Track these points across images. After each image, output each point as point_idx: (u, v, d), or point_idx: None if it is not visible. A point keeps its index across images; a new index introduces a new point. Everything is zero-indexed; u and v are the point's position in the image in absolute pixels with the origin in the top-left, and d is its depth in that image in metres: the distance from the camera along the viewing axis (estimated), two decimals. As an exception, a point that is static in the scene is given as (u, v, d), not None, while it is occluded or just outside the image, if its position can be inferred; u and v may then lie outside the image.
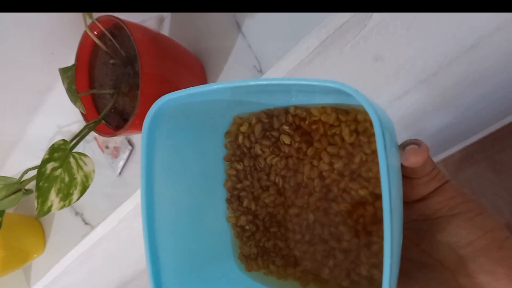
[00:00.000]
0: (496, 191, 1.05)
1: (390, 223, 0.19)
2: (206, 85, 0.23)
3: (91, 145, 0.60)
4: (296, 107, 0.27)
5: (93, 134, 0.60)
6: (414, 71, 0.53)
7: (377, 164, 0.25)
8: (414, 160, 0.23)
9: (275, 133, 0.28)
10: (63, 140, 0.38)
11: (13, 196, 0.39)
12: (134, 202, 0.58)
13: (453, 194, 0.24)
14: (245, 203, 0.30)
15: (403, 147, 0.23)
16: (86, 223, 0.64)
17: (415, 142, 0.23)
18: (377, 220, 0.26)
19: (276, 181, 0.29)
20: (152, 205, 0.26)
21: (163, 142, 0.26)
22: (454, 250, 0.23)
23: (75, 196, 0.38)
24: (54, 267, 0.69)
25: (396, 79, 0.53)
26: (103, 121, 0.42)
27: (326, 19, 0.35)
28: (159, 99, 0.24)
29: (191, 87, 0.24)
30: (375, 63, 0.46)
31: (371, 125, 0.25)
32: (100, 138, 0.59)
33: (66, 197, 0.38)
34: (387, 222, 0.19)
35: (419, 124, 0.74)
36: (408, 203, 0.25)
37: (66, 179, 0.38)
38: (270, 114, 0.28)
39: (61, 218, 0.69)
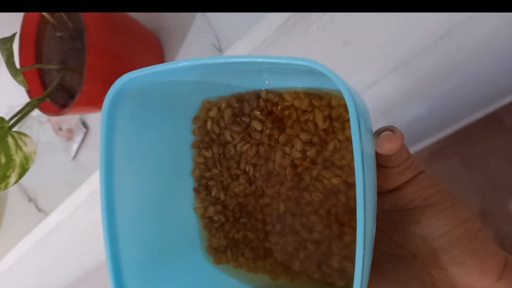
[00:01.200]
0: (465, 184, 1.07)
1: (364, 213, 0.18)
2: (171, 62, 0.22)
3: (45, 127, 0.57)
4: (268, 91, 0.26)
5: (45, 114, 0.56)
6: (384, 59, 0.52)
7: (350, 151, 0.24)
8: (388, 146, 0.22)
9: (245, 119, 0.27)
10: (0, 117, 0.34)
11: None
12: (90, 188, 0.55)
13: (427, 184, 0.24)
14: (214, 192, 0.28)
15: (377, 133, 0.23)
16: (39, 210, 0.61)
17: (390, 129, 0.22)
18: (350, 210, 0.25)
19: (247, 169, 0.27)
20: (112, 193, 0.24)
21: (125, 125, 0.24)
22: (427, 242, 0.23)
23: (12, 179, 0.35)
24: (6, 256, 0.66)
25: (366, 66, 0.52)
26: (49, 98, 0.39)
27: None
28: (120, 78, 0.22)
29: (156, 65, 0.22)
30: (344, 47, 0.45)
31: (345, 111, 0.24)
32: (54, 120, 0.55)
33: (2, 179, 0.34)
34: (360, 212, 0.18)
35: (390, 116, 0.74)
36: (382, 193, 0.25)
37: (3, 160, 0.34)
38: (241, 98, 0.27)
39: (13, 204, 0.65)
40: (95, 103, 0.38)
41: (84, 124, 0.51)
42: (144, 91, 0.24)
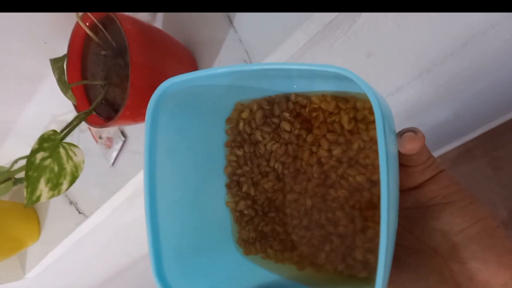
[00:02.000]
0: (492, 187, 1.05)
1: (387, 209, 0.19)
2: (210, 69, 0.23)
3: (85, 135, 0.61)
4: (297, 94, 0.28)
5: (87, 124, 0.60)
6: (407, 67, 0.53)
7: (374, 151, 0.26)
8: (410, 147, 0.23)
9: (275, 120, 0.28)
10: (53, 130, 0.38)
11: (3, 185, 0.40)
12: (127, 192, 0.58)
13: (447, 183, 0.25)
14: (245, 188, 0.30)
15: (400, 134, 0.24)
16: (80, 212, 0.65)
17: (412, 130, 0.24)
18: (373, 206, 0.26)
19: (276, 167, 0.29)
20: (154, 188, 0.26)
21: (166, 126, 0.26)
22: (447, 237, 0.24)
23: (64, 186, 0.38)
24: (48, 255, 0.70)
25: (389, 75, 0.53)
26: (94, 112, 0.43)
27: (315, 15, 0.35)
28: (164, 82, 0.25)
29: (195, 71, 0.24)
30: (367, 58, 0.47)
31: (370, 112, 0.25)
32: (94, 129, 0.59)
33: (55, 186, 0.38)
34: (384, 208, 0.19)
35: (415, 120, 0.74)
36: (403, 191, 0.26)
37: (56, 169, 0.38)
38: (271, 101, 0.28)
39: (55, 207, 0.70)
40: (136, 116, 0.41)
41: (123, 133, 0.55)
42: (183, 94, 0.26)
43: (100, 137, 0.57)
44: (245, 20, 0.41)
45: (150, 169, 0.26)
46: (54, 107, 0.60)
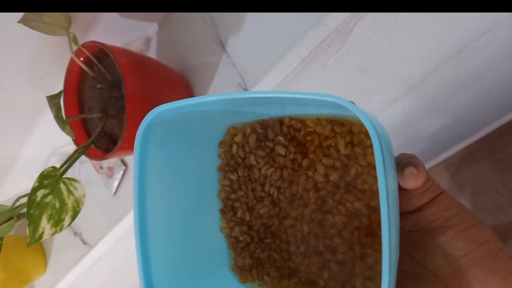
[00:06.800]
0: (498, 189, 1.04)
1: (389, 237, 0.19)
2: (201, 96, 0.23)
3: (86, 166, 0.61)
4: (291, 118, 0.27)
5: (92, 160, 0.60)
6: (401, 79, 0.53)
7: (372, 176, 0.25)
8: (414, 184, 0.23)
9: (270, 144, 0.28)
10: (53, 167, 0.38)
11: (5, 224, 0.40)
12: (130, 220, 0.58)
13: (447, 205, 0.24)
14: (239, 213, 0.30)
15: (401, 168, 0.23)
16: (85, 243, 0.64)
17: (413, 163, 0.23)
18: (372, 232, 0.26)
19: (271, 192, 0.28)
20: (144, 216, 0.25)
21: (156, 152, 0.26)
22: (449, 262, 0.24)
23: (66, 222, 0.38)
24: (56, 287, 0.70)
25: (384, 88, 0.53)
26: (93, 145, 0.43)
27: (305, 37, 0.36)
28: (152, 110, 0.24)
29: (185, 99, 0.23)
30: (361, 73, 0.47)
31: (366, 137, 0.25)
32: (94, 159, 0.59)
33: (57, 223, 0.38)
34: (386, 236, 0.19)
35: (415, 128, 0.74)
36: (403, 214, 0.25)
37: (57, 205, 0.38)
38: (265, 124, 0.28)
39: (61, 239, 0.70)
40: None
41: (123, 162, 0.55)
42: (173, 121, 0.26)
43: (101, 167, 0.58)
44: (237, 45, 0.42)
45: (139, 197, 0.25)
46: (55, 139, 0.61)
